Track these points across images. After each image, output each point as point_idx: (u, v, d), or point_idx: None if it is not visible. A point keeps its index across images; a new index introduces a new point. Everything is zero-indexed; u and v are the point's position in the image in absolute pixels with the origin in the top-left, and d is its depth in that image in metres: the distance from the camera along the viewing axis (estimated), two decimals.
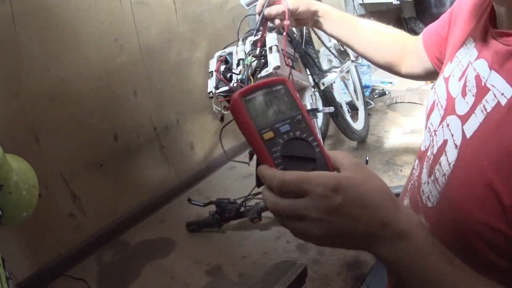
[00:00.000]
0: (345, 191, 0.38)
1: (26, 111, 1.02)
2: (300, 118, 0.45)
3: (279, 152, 0.42)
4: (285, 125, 0.43)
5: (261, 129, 0.43)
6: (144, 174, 1.34)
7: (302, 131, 0.44)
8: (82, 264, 1.15)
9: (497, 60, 0.47)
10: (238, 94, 0.43)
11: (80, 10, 1.09)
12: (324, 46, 1.43)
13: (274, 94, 0.45)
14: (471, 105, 0.50)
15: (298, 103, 0.46)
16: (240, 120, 0.44)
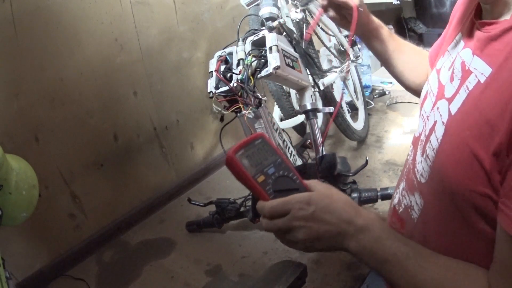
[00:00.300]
0: (315, 203, 0.52)
1: (26, 111, 1.02)
2: (280, 161, 0.59)
3: (271, 189, 0.56)
4: (271, 168, 0.58)
5: (254, 175, 0.56)
6: (144, 174, 1.34)
7: (283, 170, 0.58)
8: (82, 264, 1.15)
9: (478, 46, 0.52)
10: (232, 152, 0.56)
11: (80, 10, 1.09)
12: (324, 46, 1.43)
13: (257, 146, 0.59)
14: (456, 87, 0.55)
15: (276, 150, 0.59)
16: (237, 172, 0.57)
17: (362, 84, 1.77)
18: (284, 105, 1.32)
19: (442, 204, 0.54)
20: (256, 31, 0.96)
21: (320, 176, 1.02)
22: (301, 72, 1.03)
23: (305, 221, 0.52)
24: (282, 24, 1.04)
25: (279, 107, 1.35)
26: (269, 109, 1.01)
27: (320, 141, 1.11)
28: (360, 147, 1.55)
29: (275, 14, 1.08)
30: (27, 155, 0.81)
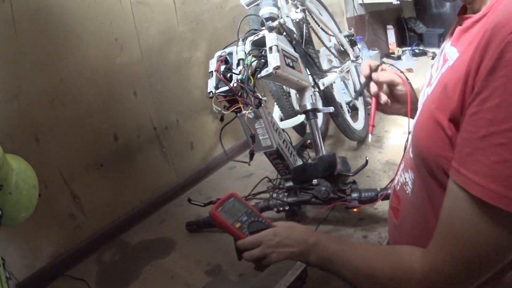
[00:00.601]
0: (280, 234, 0.73)
1: (26, 111, 1.02)
2: (250, 210, 0.80)
3: (247, 231, 0.77)
4: (244, 217, 0.79)
5: (232, 223, 0.77)
6: (144, 174, 1.34)
7: (254, 216, 0.79)
8: (82, 264, 1.15)
9: (455, 38, 0.59)
10: (213, 210, 0.78)
11: (80, 10, 1.09)
12: (324, 46, 1.43)
13: (231, 203, 0.81)
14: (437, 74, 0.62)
15: (245, 203, 0.81)
16: (220, 223, 0.77)
17: None
18: (284, 105, 1.32)
19: (420, 169, 0.61)
20: (256, 31, 0.96)
21: (320, 176, 1.03)
22: (301, 72, 1.03)
23: (274, 247, 0.71)
24: (282, 24, 1.04)
25: (279, 107, 1.35)
26: (269, 109, 1.01)
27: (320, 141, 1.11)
28: (360, 147, 1.55)
29: (275, 14, 1.08)
30: (27, 155, 0.81)
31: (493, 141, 0.43)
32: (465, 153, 0.47)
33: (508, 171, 0.42)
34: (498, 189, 0.43)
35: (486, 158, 0.44)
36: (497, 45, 0.42)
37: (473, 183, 0.45)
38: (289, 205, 1.07)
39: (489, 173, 0.44)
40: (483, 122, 0.44)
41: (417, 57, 2.48)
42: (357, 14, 2.33)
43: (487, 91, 0.43)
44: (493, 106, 0.43)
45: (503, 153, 0.42)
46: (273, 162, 1.06)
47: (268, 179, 1.29)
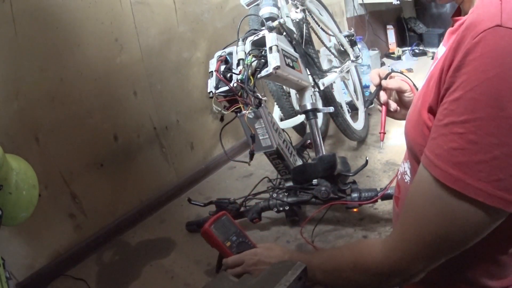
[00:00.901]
0: (260, 253, 0.79)
1: (26, 111, 1.02)
2: (239, 231, 0.86)
3: (235, 251, 0.83)
4: (234, 236, 0.85)
5: (223, 241, 0.83)
6: (144, 174, 1.34)
7: (242, 237, 0.86)
8: (82, 264, 1.15)
9: (446, 39, 0.62)
10: (207, 226, 0.82)
11: (80, 10, 1.09)
12: (324, 46, 1.43)
13: (223, 221, 0.86)
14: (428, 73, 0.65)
15: (235, 224, 0.87)
16: (211, 240, 0.83)
17: (362, 84, 1.77)
18: (284, 105, 1.32)
19: (411, 157, 0.65)
20: (256, 31, 0.96)
21: (320, 176, 1.03)
22: (301, 72, 1.03)
23: (254, 265, 0.78)
24: (282, 24, 1.04)
25: (279, 107, 1.35)
26: (269, 109, 1.01)
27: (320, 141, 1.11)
28: (360, 147, 1.55)
29: (275, 14, 1.08)
30: (27, 155, 0.81)
31: (452, 129, 0.47)
32: (431, 137, 0.51)
33: (464, 157, 0.46)
34: (455, 173, 0.46)
35: (446, 144, 0.48)
36: (466, 45, 0.46)
37: (434, 165, 0.49)
38: (289, 205, 1.07)
39: (447, 157, 0.47)
40: (447, 112, 0.48)
41: (417, 57, 2.48)
42: (357, 14, 2.33)
43: (453, 86, 0.47)
44: (455, 99, 0.47)
45: (460, 141, 0.46)
46: (273, 162, 1.06)
47: (268, 179, 1.29)
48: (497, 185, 0.44)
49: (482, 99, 0.44)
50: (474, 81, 0.45)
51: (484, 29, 0.44)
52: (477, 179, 0.45)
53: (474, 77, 0.45)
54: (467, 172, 0.46)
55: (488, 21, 0.44)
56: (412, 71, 2.23)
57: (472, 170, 0.45)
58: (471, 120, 0.45)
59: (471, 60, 0.45)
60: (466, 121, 0.45)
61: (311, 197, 1.03)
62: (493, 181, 0.44)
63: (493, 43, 0.44)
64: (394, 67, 2.32)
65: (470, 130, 0.45)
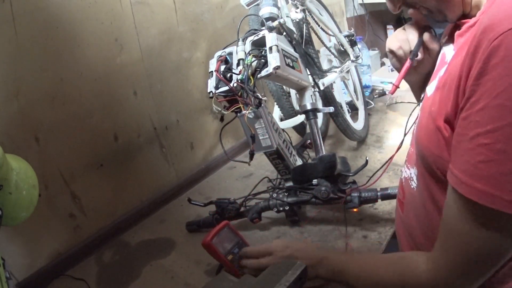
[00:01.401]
0: (291, 246, 0.77)
1: (26, 111, 1.02)
2: (241, 242, 0.86)
3: (237, 264, 0.84)
4: (236, 248, 0.85)
5: (225, 254, 0.83)
6: (144, 174, 1.34)
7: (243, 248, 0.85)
8: (82, 264, 1.15)
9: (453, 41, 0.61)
10: (209, 239, 0.82)
11: (80, 10, 1.09)
12: (324, 46, 1.43)
13: (225, 232, 0.85)
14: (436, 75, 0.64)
15: (237, 233, 0.88)
16: (213, 253, 0.83)
17: (362, 84, 1.77)
18: (284, 105, 1.32)
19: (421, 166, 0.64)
20: (256, 31, 0.96)
21: (320, 176, 1.03)
22: (301, 72, 1.03)
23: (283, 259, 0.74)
24: (282, 24, 1.04)
25: (279, 107, 1.35)
26: (269, 109, 1.01)
27: (320, 141, 1.11)
28: (360, 147, 1.55)
29: (275, 14, 1.08)
30: (27, 155, 0.82)
31: (478, 141, 0.45)
32: (457, 154, 0.49)
33: (491, 169, 0.44)
34: (482, 188, 0.44)
35: (473, 158, 0.46)
36: (484, 50, 0.43)
37: (461, 182, 0.47)
38: (289, 205, 1.07)
39: (474, 172, 0.45)
40: (472, 125, 0.46)
41: None
42: (357, 14, 2.33)
43: (476, 95, 0.45)
44: (480, 109, 0.44)
45: (487, 152, 0.44)
46: (273, 162, 1.06)
47: (268, 179, 1.29)
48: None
49: (508, 105, 0.42)
50: (499, 87, 0.42)
51: (503, 31, 0.42)
52: (508, 190, 0.43)
53: (498, 83, 0.42)
54: (495, 184, 0.43)
55: (506, 22, 0.42)
56: None
57: (500, 181, 0.43)
58: (498, 129, 0.43)
59: (493, 66, 0.43)
60: (493, 130, 0.43)
61: (311, 197, 1.03)
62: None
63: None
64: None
65: (498, 139, 0.43)
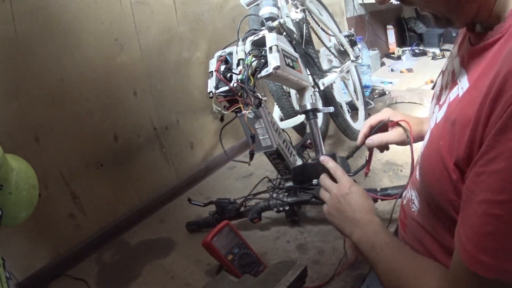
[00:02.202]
0: (354, 187, 0.75)
1: (26, 111, 1.02)
2: (241, 242, 0.87)
3: (237, 263, 0.84)
4: (236, 248, 0.85)
5: (225, 254, 0.83)
6: (144, 174, 1.34)
7: (244, 248, 0.86)
8: (82, 264, 1.15)
9: (465, 58, 0.54)
10: (209, 239, 0.83)
11: (80, 10, 1.09)
12: (324, 46, 1.43)
13: (225, 232, 0.85)
14: (446, 96, 0.59)
15: (238, 234, 0.87)
16: (214, 253, 0.84)
17: (362, 84, 1.77)
18: (284, 105, 1.32)
19: (425, 198, 0.61)
20: (256, 31, 0.96)
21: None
22: (301, 72, 1.03)
23: (339, 194, 0.73)
24: (282, 24, 1.04)
25: (279, 107, 1.35)
26: (269, 109, 1.01)
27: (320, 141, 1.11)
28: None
29: (275, 14, 1.08)
30: (27, 155, 0.81)
31: (488, 210, 0.41)
32: (464, 211, 0.45)
33: (499, 243, 0.40)
34: (489, 261, 0.41)
35: (479, 227, 0.42)
36: (508, 98, 0.38)
37: (464, 249, 0.44)
38: (289, 205, 1.07)
39: (479, 242, 0.42)
40: (484, 186, 0.41)
41: (417, 57, 2.48)
42: (357, 14, 2.32)
43: (493, 152, 0.40)
44: (495, 171, 0.40)
45: (496, 224, 0.40)
46: (273, 162, 1.06)
47: (268, 179, 1.29)
48: None
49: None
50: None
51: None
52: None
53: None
54: (500, 256, 0.40)
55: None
56: (412, 71, 2.23)
57: (507, 254, 0.40)
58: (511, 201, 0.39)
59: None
60: (506, 202, 0.39)
61: (311, 197, 1.03)
62: None
63: None
64: (394, 67, 2.32)
65: (510, 212, 0.39)
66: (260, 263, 0.88)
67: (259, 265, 0.88)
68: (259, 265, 0.88)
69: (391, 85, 2.06)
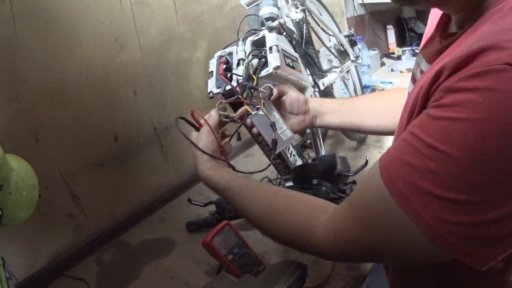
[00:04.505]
0: None
1: (26, 111, 1.02)
2: (241, 242, 0.86)
3: (237, 263, 0.84)
4: (236, 248, 0.85)
5: (225, 254, 0.83)
6: (144, 174, 1.34)
7: (244, 248, 0.86)
8: (82, 264, 1.15)
9: (431, 56, 0.56)
10: (209, 239, 0.83)
11: (80, 10, 1.09)
12: (324, 46, 1.43)
13: (226, 232, 0.85)
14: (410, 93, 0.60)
15: (238, 234, 0.87)
16: (214, 253, 0.83)
17: (362, 84, 1.77)
18: None
19: None
20: (256, 31, 0.96)
21: (320, 176, 1.03)
22: (301, 72, 1.03)
23: None
24: (282, 24, 1.04)
25: None
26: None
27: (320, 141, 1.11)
28: (360, 147, 1.55)
29: (275, 14, 1.08)
30: (27, 155, 0.81)
31: (414, 141, 0.43)
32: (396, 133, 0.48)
33: (418, 181, 0.41)
34: (404, 191, 0.42)
35: (403, 152, 0.44)
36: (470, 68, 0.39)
37: (386, 169, 0.46)
38: None
39: (401, 170, 0.43)
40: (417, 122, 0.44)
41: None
42: (357, 14, 2.32)
43: (443, 100, 0.41)
44: (436, 117, 0.41)
45: (418, 161, 0.41)
46: (273, 162, 1.06)
47: (268, 179, 1.29)
48: (444, 225, 0.40)
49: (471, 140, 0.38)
50: (478, 112, 0.37)
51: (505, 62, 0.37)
52: (425, 208, 0.41)
53: (481, 107, 0.37)
54: (418, 197, 0.42)
55: (507, 56, 0.37)
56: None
57: (423, 197, 0.41)
58: (440, 151, 0.40)
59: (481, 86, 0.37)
60: (434, 148, 0.40)
61: None
62: (442, 220, 0.40)
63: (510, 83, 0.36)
64: (394, 67, 2.32)
65: (434, 159, 0.40)
66: (260, 263, 0.88)
67: (259, 265, 0.88)
68: (259, 265, 0.88)
69: (391, 85, 2.06)
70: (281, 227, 0.62)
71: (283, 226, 0.62)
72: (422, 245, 0.43)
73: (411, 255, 0.46)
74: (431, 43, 0.61)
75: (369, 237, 0.48)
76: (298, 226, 0.59)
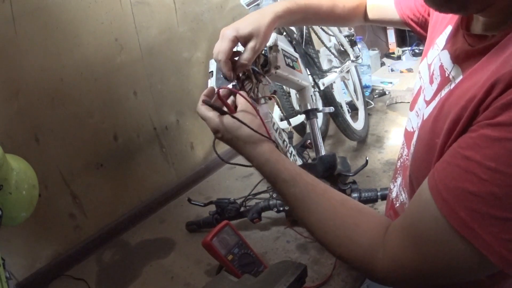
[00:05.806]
0: None
1: (26, 111, 1.02)
2: (241, 242, 0.86)
3: (237, 263, 0.84)
4: (236, 248, 0.85)
5: (225, 255, 0.84)
6: (144, 174, 1.34)
7: (244, 248, 0.86)
8: (82, 264, 1.15)
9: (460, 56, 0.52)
10: (209, 239, 0.83)
11: (80, 10, 1.09)
12: (324, 46, 1.43)
13: (226, 232, 0.86)
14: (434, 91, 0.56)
15: (238, 234, 0.87)
16: (214, 253, 0.84)
17: (362, 84, 1.77)
18: (284, 105, 1.32)
19: None
20: None
21: (320, 176, 1.03)
22: (301, 72, 1.03)
23: None
24: None
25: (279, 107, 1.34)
26: (269, 109, 1.01)
27: (320, 141, 1.11)
28: (360, 147, 1.55)
29: None
30: (27, 155, 0.81)
31: (473, 169, 0.40)
32: (445, 160, 0.44)
33: (479, 206, 0.40)
34: (464, 217, 0.41)
35: (461, 181, 0.41)
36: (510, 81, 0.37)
37: (442, 199, 0.43)
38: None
39: (460, 197, 0.41)
40: (473, 144, 0.41)
41: (417, 57, 2.48)
42: None
43: (500, 117, 0.38)
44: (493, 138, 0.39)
45: (480, 188, 0.40)
46: None
47: None
48: (506, 245, 0.40)
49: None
50: None
51: None
52: (488, 232, 0.40)
53: None
54: (478, 221, 0.40)
55: None
56: (412, 71, 2.23)
57: (485, 221, 0.40)
58: (502, 173, 0.38)
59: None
60: (495, 171, 0.39)
61: None
62: (504, 240, 0.39)
63: None
64: (394, 67, 2.32)
65: (496, 183, 0.39)
66: (260, 263, 0.88)
67: (259, 265, 0.88)
68: (259, 265, 0.88)
69: (391, 85, 2.06)
70: (343, 244, 0.56)
71: (346, 242, 0.55)
72: (486, 269, 0.42)
73: (470, 276, 0.45)
74: (455, 39, 0.56)
75: (431, 268, 0.46)
76: (361, 249, 0.54)
